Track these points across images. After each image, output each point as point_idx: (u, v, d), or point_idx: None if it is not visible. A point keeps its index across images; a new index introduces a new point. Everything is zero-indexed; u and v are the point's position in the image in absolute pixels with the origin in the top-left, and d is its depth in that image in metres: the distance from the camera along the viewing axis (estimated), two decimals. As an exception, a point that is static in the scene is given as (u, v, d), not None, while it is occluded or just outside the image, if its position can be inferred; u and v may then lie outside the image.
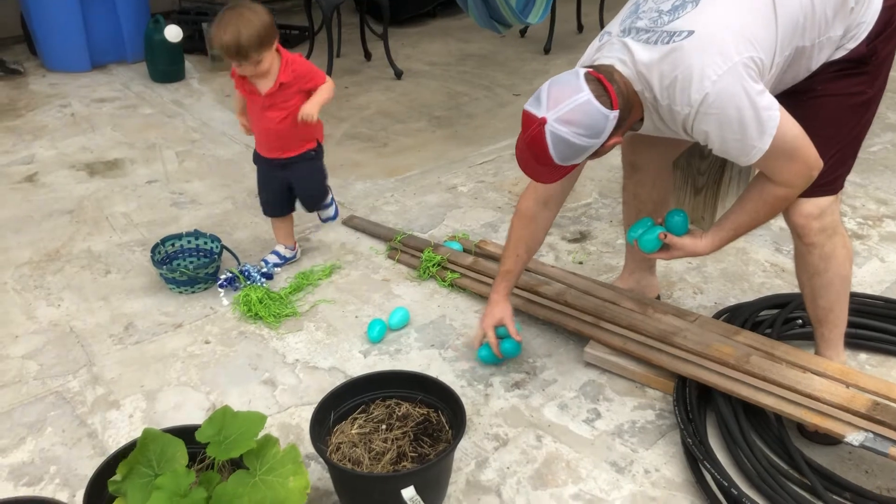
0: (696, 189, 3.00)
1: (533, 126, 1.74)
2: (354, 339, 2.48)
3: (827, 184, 1.91)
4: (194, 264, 2.78)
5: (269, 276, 2.76)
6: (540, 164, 1.80)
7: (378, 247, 2.99)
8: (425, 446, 1.84)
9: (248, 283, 2.69)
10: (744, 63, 1.67)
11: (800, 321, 2.37)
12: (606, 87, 1.73)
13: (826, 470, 1.91)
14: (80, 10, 4.69)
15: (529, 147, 1.78)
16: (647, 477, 1.98)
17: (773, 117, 1.71)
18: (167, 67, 4.74)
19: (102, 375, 2.32)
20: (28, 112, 4.27)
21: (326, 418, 1.88)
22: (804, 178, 1.81)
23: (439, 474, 1.83)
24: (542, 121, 1.72)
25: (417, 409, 1.94)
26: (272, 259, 2.84)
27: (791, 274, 2.77)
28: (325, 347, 2.45)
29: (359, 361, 2.39)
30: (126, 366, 2.36)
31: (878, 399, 1.93)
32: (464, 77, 4.87)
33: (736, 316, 2.40)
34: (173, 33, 4.60)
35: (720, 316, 2.44)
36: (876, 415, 1.87)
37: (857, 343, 2.35)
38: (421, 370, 2.24)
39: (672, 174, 2.42)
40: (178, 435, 1.64)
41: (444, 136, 4.01)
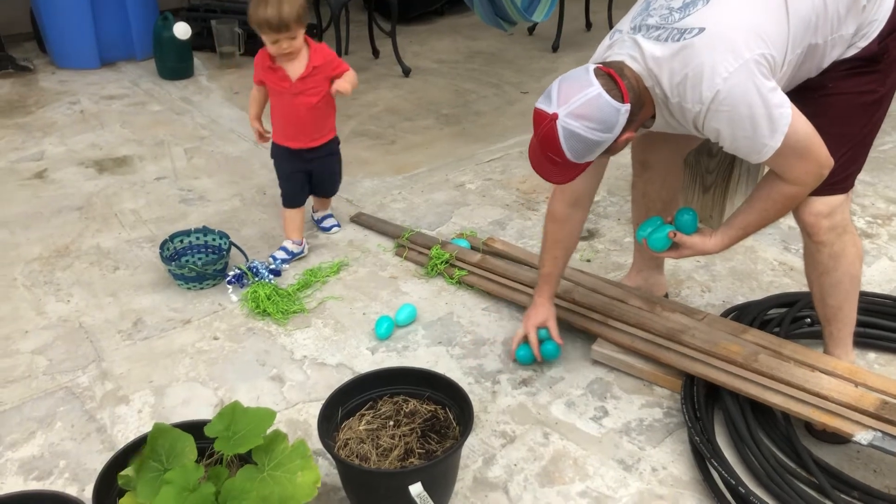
0: (705, 187, 2.99)
1: (545, 123, 1.73)
2: (362, 336, 2.49)
3: (837, 182, 1.90)
4: (203, 261, 2.79)
5: (277, 273, 2.77)
6: (553, 163, 1.80)
7: (386, 244, 3.00)
8: (433, 443, 1.85)
9: (256, 279, 2.69)
10: (755, 60, 1.67)
11: (808, 320, 2.37)
12: (617, 82, 1.73)
13: (834, 469, 1.90)
14: (89, 7, 4.70)
15: (542, 144, 1.77)
16: (655, 475, 1.98)
17: (785, 115, 1.70)
18: (176, 64, 4.74)
19: (111, 371, 2.33)
20: (38, 109, 4.28)
21: (334, 414, 1.89)
22: (815, 176, 1.80)
23: (447, 471, 1.83)
24: (554, 116, 1.71)
25: (425, 405, 1.94)
26: (280, 255, 2.85)
27: (799, 273, 2.76)
28: (333, 344, 2.45)
29: (366, 358, 2.39)
30: (135, 361, 2.37)
31: (887, 398, 1.92)
32: (472, 75, 4.87)
33: (744, 314, 2.39)
34: (182, 30, 4.61)
35: (728, 314, 2.44)
36: (885, 414, 1.86)
37: (866, 342, 2.35)
38: (428, 367, 2.24)
39: (682, 173, 2.41)
40: (187, 430, 1.65)
41: (452, 134, 4.01)
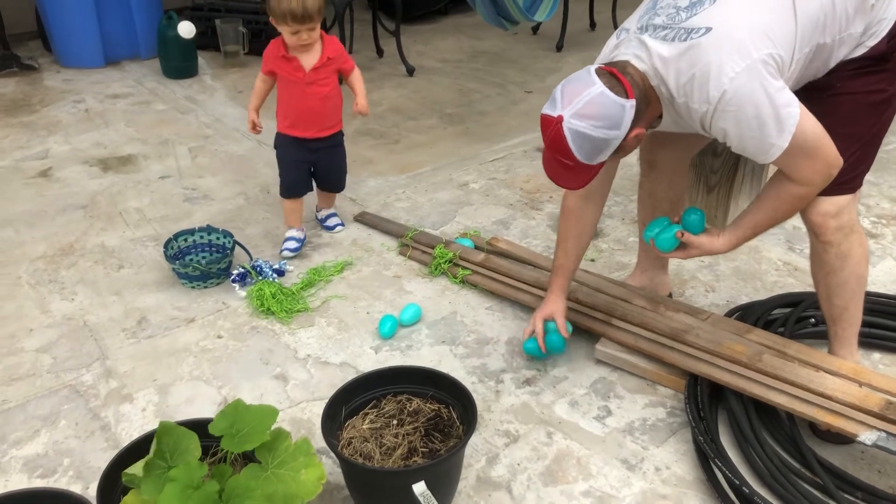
0: (709, 187, 2.99)
1: (551, 126, 1.73)
2: (366, 335, 2.49)
3: (845, 182, 1.89)
4: (207, 259, 2.79)
5: (280, 272, 2.77)
6: (566, 168, 1.79)
7: (389, 243, 3.00)
8: (436, 442, 1.85)
9: (260, 278, 2.70)
10: (762, 60, 1.66)
11: (812, 320, 2.36)
12: (619, 79, 1.73)
13: (838, 469, 1.90)
14: (94, 6, 4.71)
15: (552, 149, 1.77)
16: (658, 474, 1.97)
17: (793, 115, 1.70)
18: (180, 64, 4.75)
19: (115, 369, 2.34)
20: (42, 108, 4.29)
21: (338, 413, 1.89)
22: (823, 176, 1.80)
23: (450, 470, 1.83)
24: (559, 119, 1.71)
25: (428, 404, 1.94)
26: (292, 245, 2.90)
27: (804, 272, 2.76)
28: (337, 343, 2.46)
29: (370, 357, 2.39)
30: (139, 360, 2.38)
31: (892, 398, 1.92)
32: (476, 74, 4.87)
33: (748, 314, 2.39)
34: (186, 29, 4.62)
35: (732, 314, 2.43)
36: (889, 414, 1.86)
37: (871, 342, 2.34)
38: (432, 366, 2.24)
39: (688, 172, 2.41)
40: (190, 428, 1.65)
41: (456, 133, 4.01)
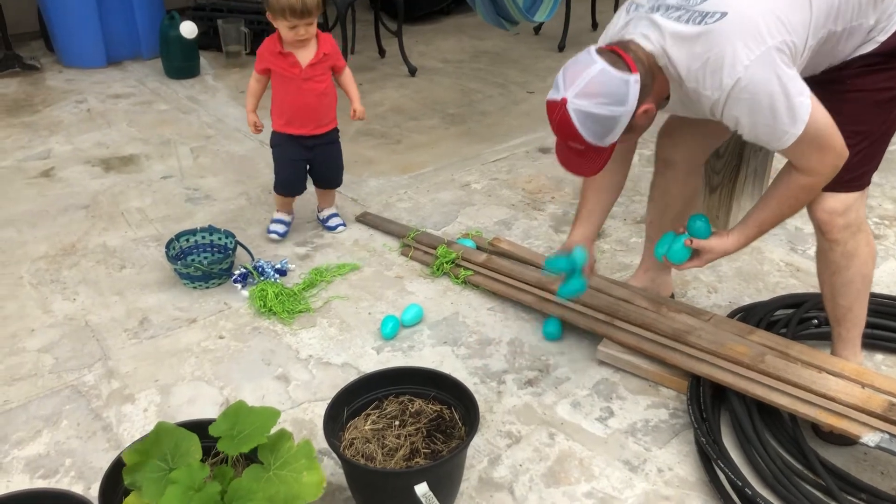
0: (712, 188, 2.98)
1: (556, 110, 1.71)
2: (367, 336, 2.48)
3: (853, 179, 1.88)
4: (208, 260, 2.79)
5: (282, 273, 2.77)
6: (578, 154, 1.77)
7: (391, 244, 2.99)
8: (438, 443, 1.84)
9: (262, 278, 2.70)
10: (777, 48, 1.65)
11: (815, 321, 2.36)
12: (621, 55, 1.71)
13: (841, 471, 1.90)
14: (96, 6, 4.71)
15: (560, 134, 1.75)
16: (661, 476, 1.97)
17: (805, 104, 1.68)
18: (182, 64, 4.75)
19: (117, 369, 2.34)
20: (44, 107, 4.30)
21: (340, 414, 1.88)
22: (831, 167, 1.78)
23: (452, 471, 1.83)
24: (563, 101, 1.69)
25: (430, 405, 1.94)
26: (280, 228, 2.98)
27: (806, 273, 2.76)
28: (339, 343, 2.45)
29: (372, 358, 2.39)
30: (140, 360, 2.37)
31: (895, 400, 1.91)
32: (477, 74, 4.87)
33: (751, 315, 2.39)
34: (188, 29, 4.62)
35: (735, 315, 2.43)
36: (892, 416, 1.86)
37: (874, 343, 2.34)
38: (434, 367, 2.24)
39: (702, 172, 2.40)
40: (192, 429, 1.65)
41: (458, 134, 4.01)
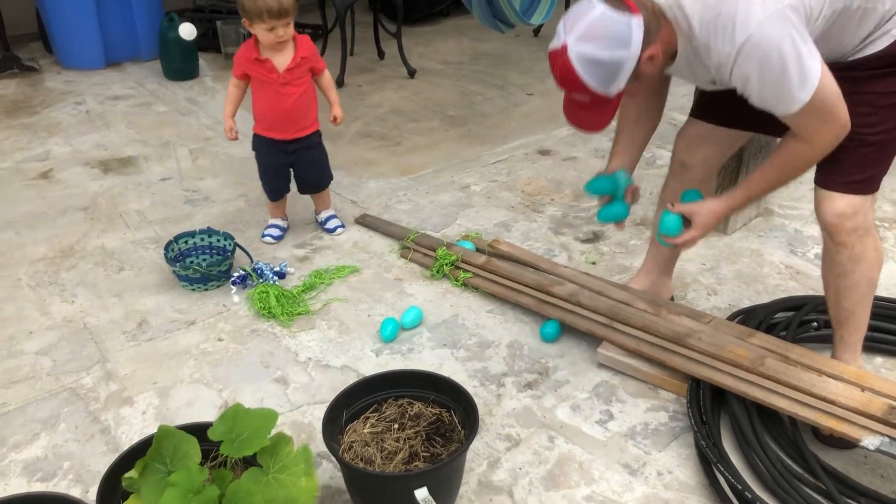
0: (711, 190, 2.98)
1: (558, 59, 1.68)
2: (367, 338, 2.48)
3: (862, 182, 1.87)
4: (207, 262, 2.79)
5: (281, 275, 2.76)
6: (583, 107, 1.73)
7: (391, 245, 2.99)
8: (437, 446, 1.84)
9: (261, 280, 2.69)
10: (792, 6, 1.62)
11: (815, 324, 2.36)
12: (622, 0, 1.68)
13: (841, 474, 1.89)
14: (94, 7, 4.71)
15: (564, 85, 1.71)
16: (660, 479, 1.97)
17: (815, 68, 1.65)
18: (181, 65, 4.75)
19: (116, 372, 2.33)
20: (43, 109, 4.29)
21: (339, 417, 1.88)
22: (833, 138, 1.75)
23: (451, 474, 1.82)
24: (564, 47, 1.66)
25: (430, 408, 1.93)
26: (274, 232, 3.00)
27: (806, 276, 2.75)
28: (338, 346, 2.45)
29: (371, 360, 2.39)
30: (139, 363, 2.37)
31: (895, 403, 1.91)
32: (477, 76, 4.87)
33: (750, 318, 2.38)
34: (187, 31, 4.61)
35: (734, 318, 2.43)
36: (892, 419, 1.85)
37: (873, 346, 2.33)
38: (433, 370, 2.23)
39: (715, 180, 2.38)
40: (191, 432, 1.64)
41: (458, 136, 4.01)
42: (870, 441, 1.84)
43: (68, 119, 4.16)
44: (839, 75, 1.78)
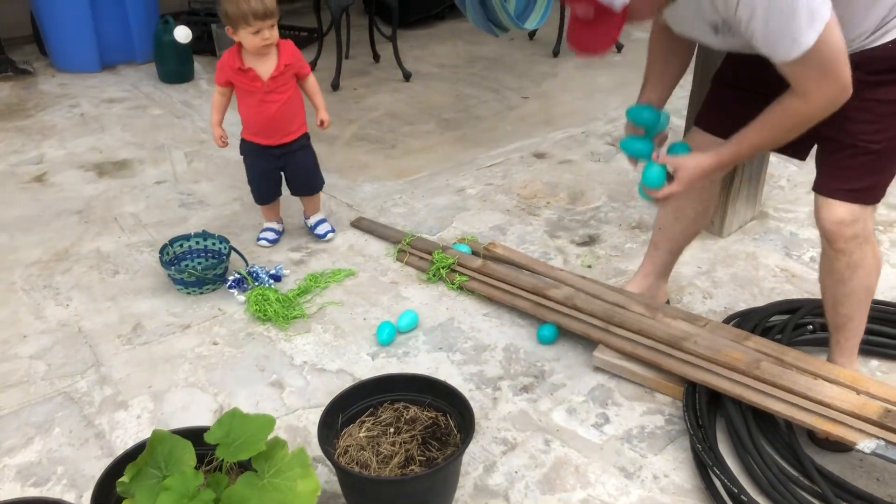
0: (706, 193, 2.98)
1: None
2: (362, 342, 2.47)
3: (864, 190, 1.85)
4: (202, 265, 2.78)
5: (277, 278, 2.76)
6: (587, 26, 1.66)
7: (386, 249, 2.99)
8: (433, 450, 1.83)
9: (257, 284, 2.69)
10: None
11: (810, 327, 2.36)
12: None
13: (837, 477, 1.89)
14: (89, 10, 4.70)
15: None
16: (656, 483, 1.97)
17: (825, 12, 1.57)
18: (176, 68, 4.74)
19: (110, 376, 2.32)
20: (37, 112, 4.28)
21: (334, 421, 1.88)
22: (830, 98, 1.68)
23: (447, 478, 1.82)
24: None
25: (426, 412, 1.93)
26: (269, 235, 2.99)
27: (801, 279, 2.76)
28: (333, 349, 2.44)
29: (367, 364, 2.38)
30: (134, 366, 2.36)
31: (890, 406, 1.91)
32: (472, 80, 4.87)
33: (746, 321, 2.38)
34: (183, 34, 4.61)
35: (730, 321, 2.43)
36: (888, 422, 1.85)
37: (869, 349, 2.33)
38: (429, 373, 2.23)
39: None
40: (186, 436, 1.64)
41: (453, 139, 4.01)
42: (865, 444, 1.84)
43: (63, 122, 4.15)
44: None
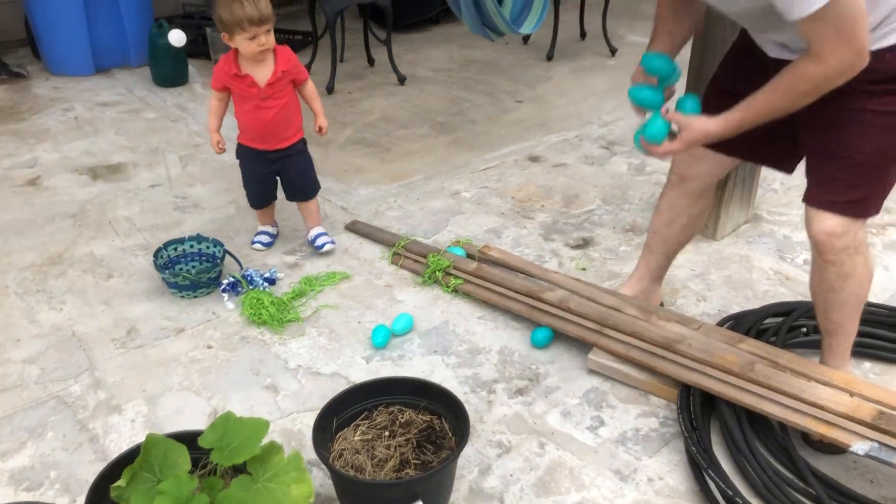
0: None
1: None
2: (357, 345, 2.47)
3: (856, 203, 1.83)
4: (197, 269, 2.77)
5: (271, 282, 2.76)
6: None
7: (381, 252, 2.99)
8: (428, 453, 1.83)
9: (251, 287, 2.68)
10: None
11: (804, 329, 2.37)
12: None
13: (831, 479, 1.90)
14: (84, 13, 4.69)
15: None
16: (651, 485, 1.97)
17: None
18: (171, 72, 4.74)
19: (104, 380, 2.31)
20: (31, 115, 4.27)
21: (329, 424, 1.87)
22: (846, 61, 1.61)
23: (442, 482, 1.82)
24: None
25: (420, 415, 1.93)
26: (264, 239, 2.99)
27: (795, 282, 2.77)
28: (328, 353, 2.44)
29: (361, 367, 2.38)
30: (128, 370, 2.35)
31: (883, 408, 1.92)
32: (466, 83, 4.87)
33: (740, 324, 2.39)
34: (177, 38, 4.60)
35: (724, 324, 2.43)
36: (881, 424, 1.86)
37: (862, 352, 2.34)
38: (424, 376, 2.23)
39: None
40: (180, 440, 1.64)
41: (447, 142, 4.01)
42: (859, 446, 1.85)
43: (57, 126, 4.14)
44: (841, 91, 1.72)
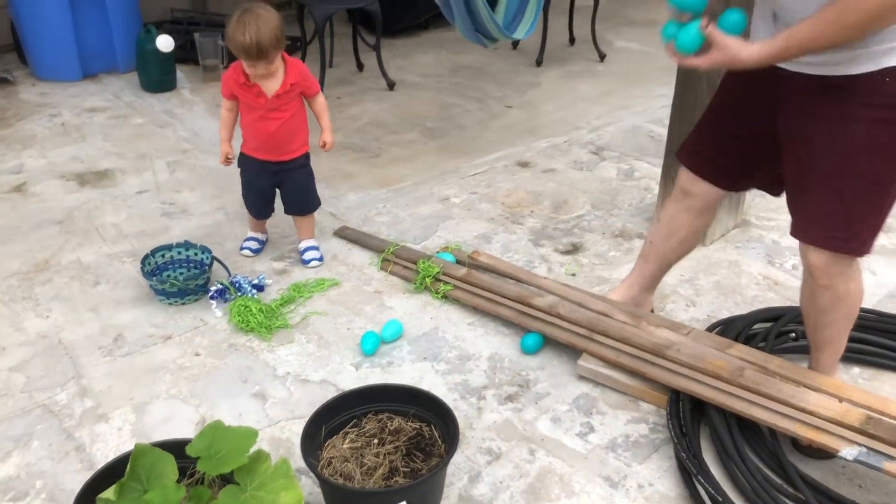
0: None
1: None
2: (346, 352, 2.46)
3: (848, 239, 1.79)
4: (184, 276, 2.76)
5: (260, 288, 2.74)
6: None
7: (370, 258, 2.98)
8: (417, 461, 1.83)
9: (239, 294, 2.67)
10: None
11: (793, 334, 2.37)
12: None
13: (820, 484, 1.90)
14: (71, 18, 4.66)
15: None
16: (641, 491, 1.97)
17: None
18: (159, 77, 4.71)
19: (91, 388, 2.30)
20: (17, 121, 4.24)
21: (318, 432, 1.86)
22: None
23: (432, 489, 1.81)
24: None
25: (410, 423, 1.92)
26: (253, 245, 2.98)
27: (784, 287, 2.78)
28: (317, 360, 2.43)
29: (350, 374, 2.37)
30: (115, 378, 2.34)
31: (872, 413, 1.92)
32: (456, 89, 4.88)
33: (729, 329, 2.39)
34: (165, 43, 4.58)
35: (713, 329, 2.44)
36: (869, 429, 1.87)
37: (851, 357, 2.35)
38: (413, 383, 2.23)
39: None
40: (167, 449, 1.62)
41: (437, 148, 4.01)
42: (848, 451, 1.85)
43: (43, 131, 4.11)
44: (830, 97, 1.70)
